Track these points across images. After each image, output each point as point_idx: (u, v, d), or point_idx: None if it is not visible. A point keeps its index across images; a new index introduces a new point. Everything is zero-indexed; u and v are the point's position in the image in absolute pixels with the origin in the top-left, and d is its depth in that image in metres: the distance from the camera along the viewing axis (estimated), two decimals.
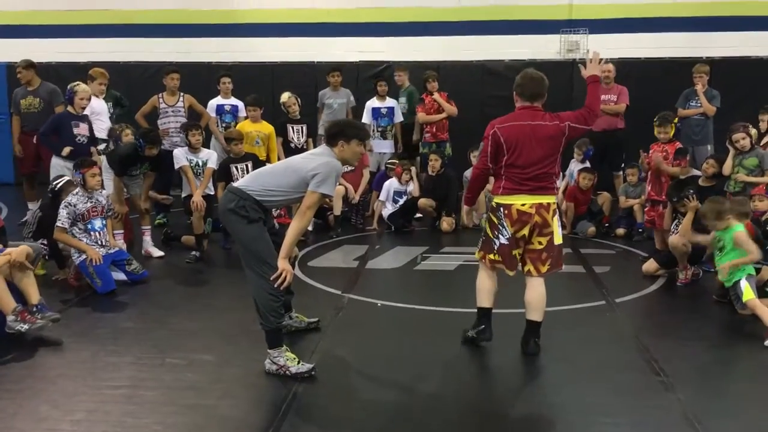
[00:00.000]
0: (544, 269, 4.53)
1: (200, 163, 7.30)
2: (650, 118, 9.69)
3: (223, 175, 7.22)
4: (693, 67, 8.82)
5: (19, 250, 4.88)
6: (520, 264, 4.59)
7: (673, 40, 10.97)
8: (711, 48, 10.72)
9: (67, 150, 7.05)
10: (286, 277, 4.08)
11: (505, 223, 4.42)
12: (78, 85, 7.34)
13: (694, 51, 10.57)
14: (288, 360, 4.19)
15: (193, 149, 7.30)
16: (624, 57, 10.47)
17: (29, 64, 8.33)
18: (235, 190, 4.22)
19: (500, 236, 4.47)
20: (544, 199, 4.40)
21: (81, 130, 7.28)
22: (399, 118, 9.42)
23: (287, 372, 4.16)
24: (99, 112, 7.85)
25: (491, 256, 4.54)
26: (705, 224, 5.60)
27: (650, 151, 6.99)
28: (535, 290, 4.58)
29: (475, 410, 3.84)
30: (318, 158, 4.22)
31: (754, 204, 6.19)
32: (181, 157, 7.28)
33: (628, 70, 9.96)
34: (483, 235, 4.64)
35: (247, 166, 7.22)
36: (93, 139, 7.45)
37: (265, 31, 11.68)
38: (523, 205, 4.37)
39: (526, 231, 4.41)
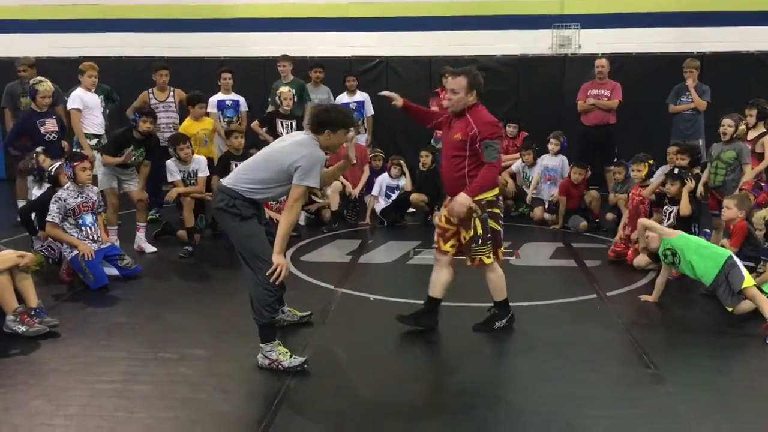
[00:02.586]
0: None
1: (191, 173, 7.27)
2: (641, 113, 9.83)
3: (222, 170, 7.18)
4: (683, 63, 8.85)
5: (30, 256, 4.98)
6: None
7: (663, 35, 11.02)
8: (701, 43, 10.78)
9: (21, 163, 7.05)
10: (281, 271, 4.09)
11: (501, 213, 4.70)
12: (40, 83, 7.31)
13: (684, 46, 10.63)
14: (280, 354, 4.20)
15: (183, 162, 7.25)
16: (615, 52, 10.54)
17: (33, 63, 8.26)
18: (224, 188, 4.21)
19: (500, 226, 4.70)
20: None
21: (48, 127, 7.29)
22: (369, 111, 9.44)
23: (279, 366, 4.18)
24: (92, 107, 7.81)
25: (502, 249, 4.76)
26: (726, 203, 5.85)
27: (629, 194, 7.04)
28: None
29: (466, 403, 3.86)
30: (300, 149, 4.15)
31: None
32: (174, 170, 7.21)
33: (619, 65, 9.99)
34: (488, 236, 4.62)
35: None
36: (62, 132, 7.40)
37: (256, 26, 11.66)
38: None
39: None
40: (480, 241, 4.60)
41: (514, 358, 4.51)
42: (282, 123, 8.49)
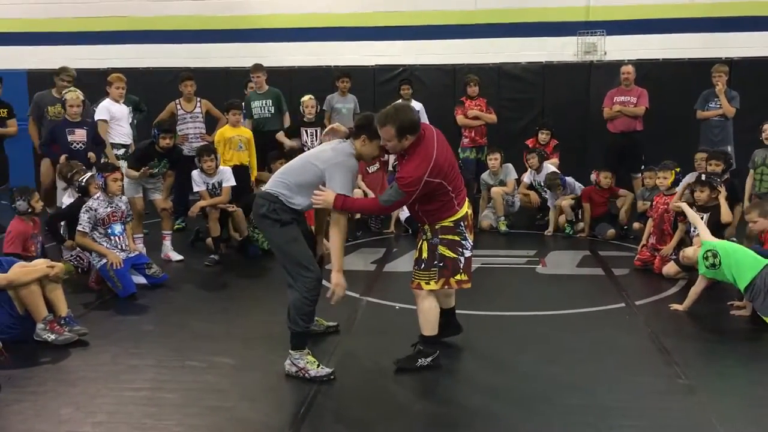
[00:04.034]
0: None
1: (216, 185, 7.30)
2: (668, 120, 9.72)
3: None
4: (712, 68, 8.74)
5: (60, 266, 5.04)
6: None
7: (691, 41, 10.90)
8: (730, 48, 10.63)
9: (63, 158, 7.13)
10: (337, 291, 4.13)
11: (466, 234, 4.31)
12: (68, 92, 7.38)
13: (712, 52, 10.49)
14: (308, 363, 4.20)
15: (207, 174, 7.29)
16: (641, 58, 10.44)
17: (74, 77, 8.20)
18: (264, 194, 4.23)
19: (465, 251, 4.30)
20: None
21: (76, 136, 7.35)
22: (424, 120, 9.39)
23: (306, 375, 4.18)
24: (119, 118, 7.90)
25: (458, 277, 4.30)
26: (749, 217, 5.74)
27: (653, 202, 6.95)
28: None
29: (493, 413, 3.83)
30: (335, 155, 4.16)
31: None
32: (199, 181, 7.26)
33: (645, 71, 9.90)
34: (437, 263, 4.24)
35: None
36: (94, 144, 7.48)
37: (281, 35, 11.75)
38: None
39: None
40: (423, 265, 4.27)
41: (542, 367, 4.45)
42: (306, 131, 8.54)
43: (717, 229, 6.13)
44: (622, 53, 10.79)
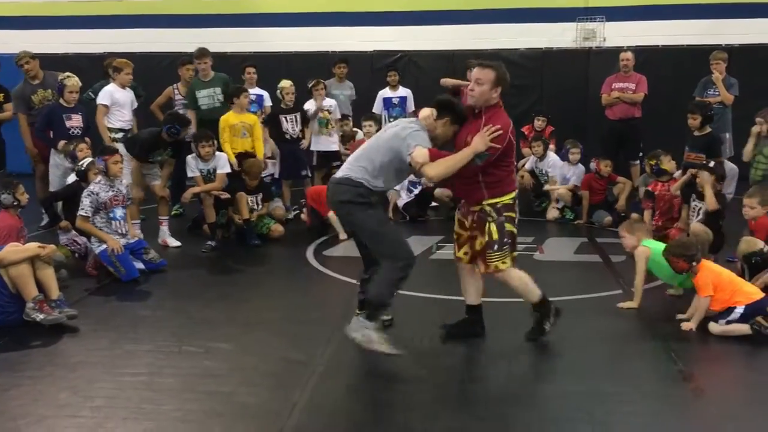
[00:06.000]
0: None
1: (210, 170, 7.25)
2: (667, 107, 9.70)
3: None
4: (710, 55, 8.71)
5: (51, 247, 5.02)
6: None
7: (691, 27, 10.86)
8: (729, 35, 10.59)
9: (62, 144, 7.09)
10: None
11: (516, 216, 4.43)
12: (68, 78, 7.32)
13: (712, 38, 10.45)
14: (377, 336, 4.11)
15: (204, 160, 7.24)
16: (641, 45, 10.41)
17: (34, 56, 7.98)
18: (345, 180, 4.16)
19: (516, 228, 4.43)
20: None
21: (73, 122, 7.32)
22: (411, 107, 9.36)
23: (369, 345, 4.06)
24: (122, 104, 7.73)
25: (515, 254, 4.44)
26: (747, 202, 5.59)
27: (658, 189, 6.92)
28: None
29: (492, 400, 3.84)
30: (403, 129, 4.18)
31: None
32: (193, 166, 7.21)
33: (645, 58, 9.87)
34: (507, 240, 4.34)
35: None
36: (87, 130, 7.44)
37: (280, 21, 11.69)
38: None
39: None
40: (496, 246, 4.31)
41: (540, 354, 4.47)
42: (286, 118, 8.37)
43: (712, 219, 6.13)
44: (621, 39, 10.76)
